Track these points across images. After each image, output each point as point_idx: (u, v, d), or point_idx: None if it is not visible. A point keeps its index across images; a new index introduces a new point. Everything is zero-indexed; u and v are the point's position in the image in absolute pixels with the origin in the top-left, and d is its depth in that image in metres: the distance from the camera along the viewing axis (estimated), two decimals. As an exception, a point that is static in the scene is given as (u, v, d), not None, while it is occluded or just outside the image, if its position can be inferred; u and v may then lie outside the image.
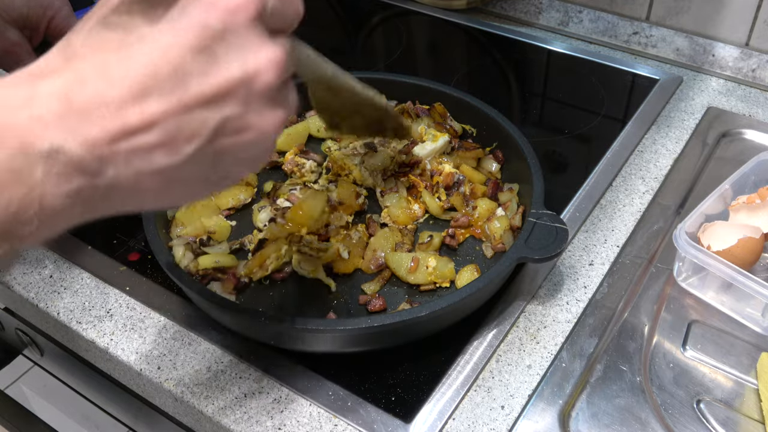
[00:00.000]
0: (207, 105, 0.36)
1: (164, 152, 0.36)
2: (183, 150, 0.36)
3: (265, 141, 0.40)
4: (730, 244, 0.66)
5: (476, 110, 0.81)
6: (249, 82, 0.37)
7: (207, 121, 0.36)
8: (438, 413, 0.60)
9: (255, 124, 0.38)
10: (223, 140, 0.38)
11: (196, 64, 0.36)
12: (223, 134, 0.37)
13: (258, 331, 0.64)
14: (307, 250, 0.69)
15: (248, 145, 0.39)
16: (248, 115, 0.38)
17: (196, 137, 0.36)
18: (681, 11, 1.00)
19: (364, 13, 1.21)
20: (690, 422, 0.59)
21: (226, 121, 0.37)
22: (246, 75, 0.37)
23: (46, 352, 0.88)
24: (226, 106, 0.37)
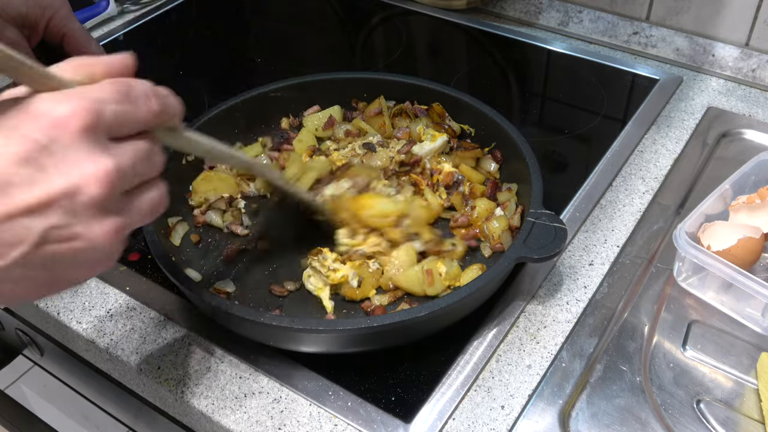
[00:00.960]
0: (30, 214, 0.38)
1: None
2: (9, 255, 0.38)
3: (98, 249, 0.41)
4: (730, 244, 0.66)
5: (475, 110, 0.81)
6: (72, 194, 0.38)
7: (31, 230, 0.38)
8: (438, 413, 0.60)
9: (82, 234, 0.40)
10: (51, 247, 0.39)
11: (22, 175, 0.37)
12: (48, 242, 0.39)
13: (257, 332, 0.63)
14: (318, 266, 0.68)
15: (79, 252, 0.40)
16: (74, 225, 0.39)
17: (21, 244, 0.38)
18: (681, 11, 1.00)
19: (364, 13, 1.21)
20: (690, 422, 0.59)
21: (50, 229, 0.38)
22: (69, 188, 0.38)
23: (46, 352, 0.88)
24: (50, 216, 0.38)
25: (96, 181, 0.39)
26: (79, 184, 0.38)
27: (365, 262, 0.70)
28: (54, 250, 0.39)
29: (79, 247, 0.40)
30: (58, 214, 0.38)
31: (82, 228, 0.39)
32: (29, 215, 0.38)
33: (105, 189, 0.39)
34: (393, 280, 0.68)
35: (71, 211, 0.39)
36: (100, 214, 0.40)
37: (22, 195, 0.37)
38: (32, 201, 0.37)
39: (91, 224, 0.40)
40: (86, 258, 0.41)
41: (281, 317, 0.60)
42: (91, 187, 0.39)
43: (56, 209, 0.38)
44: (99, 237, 0.40)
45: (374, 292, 0.69)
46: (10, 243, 0.38)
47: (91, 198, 0.39)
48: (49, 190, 0.38)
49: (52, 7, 0.72)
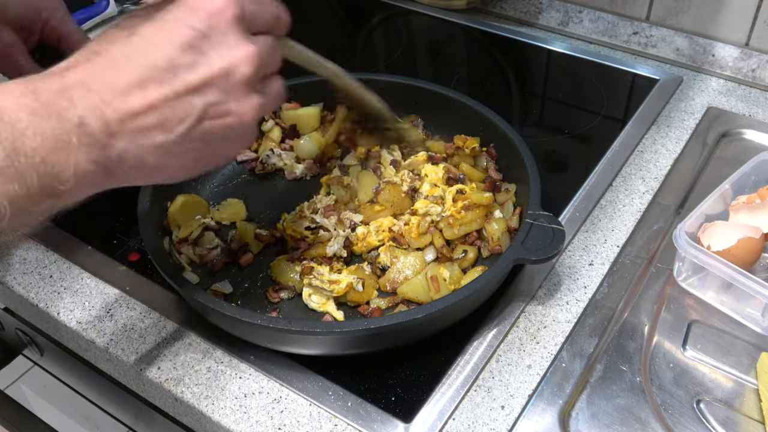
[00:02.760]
0: (194, 93, 0.44)
1: (161, 131, 0.44)
2: (176, 130, 0.44)
3: (245, 124, 0.47)
4: (730, 244, 0.66)
5: (473, 111, 0.81)
6: (228, 74, 0.45)
7: (194, 106, 0.44)
8: (438, 413, 0.60)
9: (234, 110, 0.46)
10: (209, 123, 0.45)
11: (186, 59, 0.44)
12: (208, 117, 0.45)
13: (255, 334, 0.63)
14: (319, 283, 0.67)
15: (230, 127, 0.46)
16: (229, 102, 0.46)
17: (186, 119, 0.44)
18: (681, 11, 1.00)
19: (364, 13, 1.21)
20: (690, 422, 0.59)
21: (209, 106, 0.45)
22: (226, 68, 0.45)
23: (46, 352, 0.88)
24: (209, 93, 0.45)
25: (246, 62, 0.45)
26: (233, 64, 0.45)
27: (360, 267, 0.70)
28: (211, 126, 0.45)
29: (230, 123, 0.46)
30: (216, 92, 0.45)
31: (234, 104, 0.46)
32: (193, 94, 0.44)
33: (253, 69, 0.46)
34: (399, 292, 0.68)
35: (226, 89, 0.45)
36: (248, 91, 0.46)
37: (187, 76, 0.44)
38: (195, 81, 0.44)
39: (240, 101, 0.46)
40: (234, 132, 0.47)
41: (279, 319, 0.60)
42: (242, 67, 0.45)
43: (214, 88, 0.45)
44: (247, 112, 0.47)
45: (376, 293, 0.69)
46: (178, 119, 0.44)
47: (243, 76, 0.45)
48: (209, 71, 0.44)
49: (49, 10, 0.72)
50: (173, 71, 0.43)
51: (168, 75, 0.43)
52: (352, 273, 0.69)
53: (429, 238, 0.72)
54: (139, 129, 0.43)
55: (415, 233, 0.72)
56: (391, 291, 0.69)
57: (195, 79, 0.44)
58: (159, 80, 0.43)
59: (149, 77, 0.43)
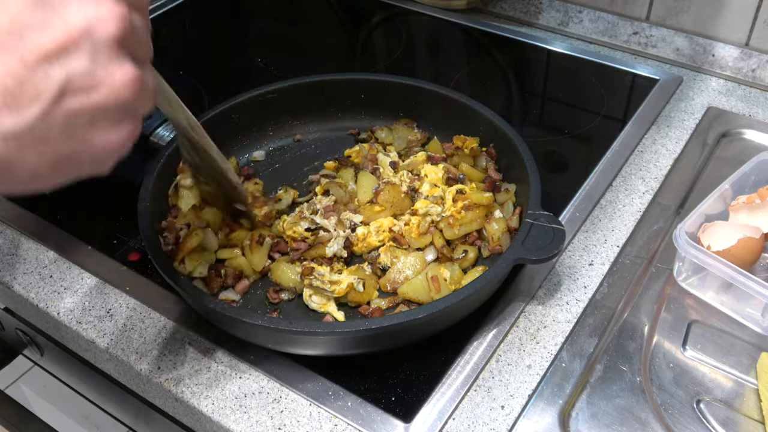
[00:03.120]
0: (49, 60, 0.34)
1: (8, 114, 0.34)
2: (28, 111, 0.34)
3: (121, 100, 0.37)
4: (730, 244, 0.66)
5: (473, 111, 0.81)
6: (90, 32, 0.35)
7: (50, 78, 0.35)
8: (438, 413, 0.60)
9: (103, 80, 0.36)
10: (72, 100, 0.36)
11: (34, 17, 0.34)
12: (70, 93, 0.35)
13: (256, 335, 0.63)
14: (319, 283, 0.67)
15: (101, 106, 0.37)
16: (96, 70, 0.36)
17: (41, 96, 0.34)
18: (681, 11, 1.00)
19: (364, 13, 1.21)
20: (690, 422, 0.59)
21: (71, 76, 0.35)
22: (87, 25, 0.35)
23: (46, 352, 0.88)
24: (70, 60, 0.35)
25: (113, 18, 0.36)
26: (97, 20, 0.36)
27: (360, 267, 0.70)
28: (75, 104, 0.36)
29: (100, 99, 0.36)
30: (78, 57, 0.35)
31: (103, 72, 0.36)
32: (48, 61, 0.34)
33: (122, 27, 0.36)
34: (400, 293, 0.68)
35: (91, 52, 0.35)
36: (119, 55, 0.37)
37: (39, 39, 0.34)
38: (50, 44, 0.34)
39: (111, 68, 0.36)
40: (107, 114, 0.37)
41: (280, 320, 0.60)
42: (108, 24, 0.36)
43: (76, 51, 0.35)
44: (120, 83, 0.37)
45: (377, 294, 0.69)
46: (30, 96, 0.34)
47: (110, 35, 0.36)
48: (66, 29, 0.35)
49: None
50: (18, 33, 0.34)
51: (12, 38, 0.34)
52: (352, 273, 0.69)
53: (429, 238, 0.72)
54: None
55: (416, 233, 0.72)
56: (392, 291, 0.69)
57: (49, 41, 0.34)
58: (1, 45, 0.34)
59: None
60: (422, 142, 0.85)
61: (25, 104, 0.34)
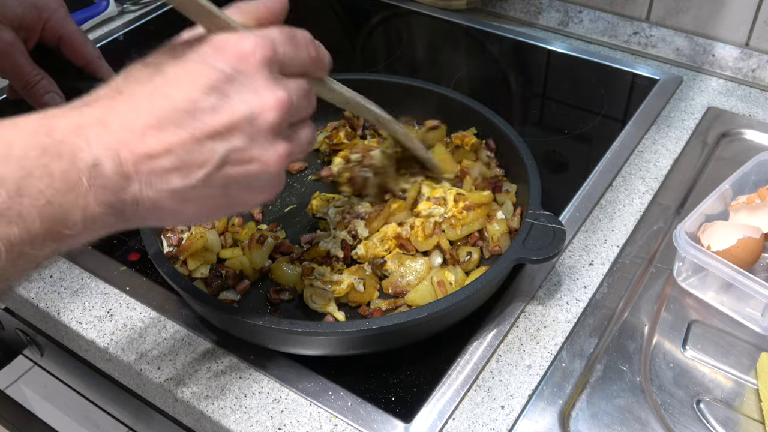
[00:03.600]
0: (215, 137, 0.42)
1: (178, 175, 0.41)
2: (194, 175, 0.42)
3: (269, 173, 0.45)
4: (730, 244, 0.66)
5: (472, 111, 0.81)
6: (253, 119, 0.43)
7: (215, 151, 0.42)
8: (438, 413, 0.60)
9: (258, 157, 0.44)
10: (230, 169, 0.43)
11: (208, 102, 0.41)
12: (229, 163, 0.43)
13: (257, 335, 0.63)
14: (320, 284, 0.67)
15: (253, 175, 0.44)
16: (252, 148, 0.43)
17: (206, 164, 0.42)
18: (681, 11, 1.00)
19: (364, 13, 1.21)
20: (690, 422, 0.59)
21: (231, 152, 0.42)
22: (251, 113, 0.42)
23: (46, 352, 0.88)
24: (232, 139, 0.42)
25: (272, 108, 0.43)
26: (259, 110, 0.43)
27: (360, 267, 0.70)
28: (233, 172, 0.43)
29: (253, 170, 0.44)
30: (239, 138, 0.42)
31: (258, 151, 0.44)
32: (214, 138, 0.42)
33: (280, 116, 0.44)
34: (407, 300, 0.67)
35: (250, 135, 0.43)
36: (273, 139, 0.44)
37: (209, 120, 0.41)
38: (218, 125, 0.42)
39: (266, 148, 0.44)
40: (258, 181, 0.45)
41: (281, 320, 0.59)
42: (268, 114, 0.43)
43: (238, 133, 0.42)
44: (271, 160, 0.44)
45: (377, 294, 0.69)
46: (197, 164, 0.42)
47: (268, 123, 0.43)
48: (233, 116, 0.42)
49: (49, 10, 0.72)
50: (194, 114, 0.41)
51: (188, 117, 0.41)
52: (353, 273, 0.69)
53: (435, 239, 0.72)
54: (155, 172, 0.41)
55: (422, 236, 0.72)
56: (394, 294, 0.69)
57: (216, 123, 0.42)
58: (178, 122, 0.41)
59: (168, 119, 0.41)
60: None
61: (192, 170, 0.42)
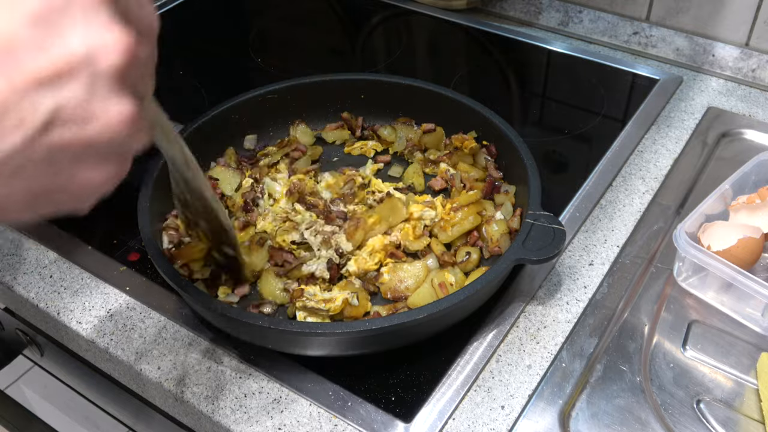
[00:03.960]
0: (41, 85, 0.31)
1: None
2: (8, 140, 0.31)
3: (112, 137, 0.33)
4: (730, 244, 0.66)
5: (472, 111, 0.81)
6: (92, 61, 0.32)
7: (39, 106, 0.31)
8: (438, 413, 0.60)
9: (97, 114, 0.33)
10: (60, 131, 0.32)
11: (32, 36, 0.31)
12: (58, 123, 0.32)
13: (258, 336, 0.63)
14: (313, 304, 0.65)
15: (91, 141, 0.33)
16: (91, 102, 0.32)
17: (25, 124, 0.31)
18: (681, 11, 1.00)
19: (364, 13, 1.21)
20: (690, 422, 0.59)
21: (62, 106, 0.32)
22: (88, 53, 0.32)
23: (46, 352, 0.88)
24: (63, 87, 0.31)
25: (118, 48, 0.33)
26: (101, 48, 0.32)
27: (349, 281, 0.69)
28: (63, 136, 0.32)
29: (91, 134, 0.33)
30: (74, 86, 0.32)
31: (99, 105, 0.32)
32: (39, 87, 0.31)
33: (127, 59, 0.33)
34: (409, 304, 0.67)
35: (88, 82, 0.32)
36: (118, 89, 0.33)
37: (33, 61, 0.31)
38: (44, 68, 0.31)
39: (108, 102, 0.33)
40: (98, 150, 0.34)
41: (279, 321, 0.59)
42: (112, 54, 0.32)
43: (71, 79, 0.31)
44: (115, 119, 0.33)
45: (370, 305, 0.68)
46: (12, 124, 0.31)
47: (112, 66, 0.32)
48: (66, 55, 0.31)
49: None
50: (10, 52, 0.30)
51: (4, 58, 0.30)
52: (343, 289, 0.67)
53: (426, 240, 0.72)
54: None
55: (412, 236, 0.72)
56: (393, 299, 0.68)
57: (43, 65, 0.31)
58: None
59: None
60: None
61: (6, 132, 0.31)
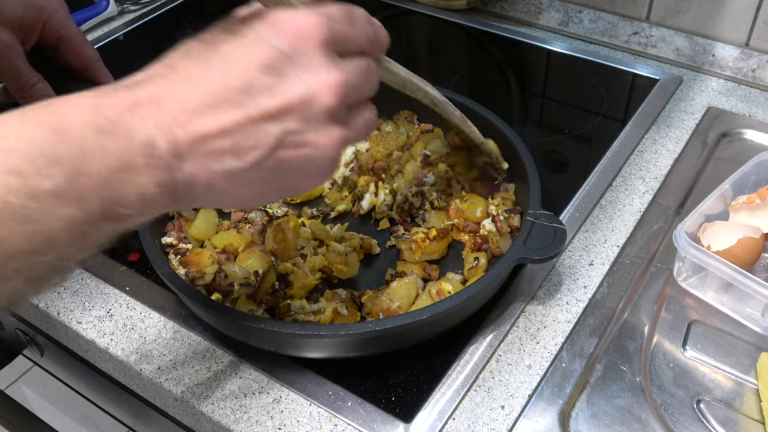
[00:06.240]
0: (270, 119, 0.40)
1: (232, 157, 0.40)
2: (248, 157, 0.41)
3: (323, 157, 0.43)
4: (730, 244, 0.66)
5: (472, 112, 0.80)
6: (309, 102, 0.41)
7: (269, 134, 0.41)
8: (438, 413, 0.60)
9: (312, 141, 0.42)
10: (283, 152, 0.42)
11: (264, 81, 0.40)
12: (283, 147, 0.41)
13: (258, 338, 0.63)
14: (302, 317, 0.65)
15: (306, 159, 0.43)
16: (307, 132, 0.42)
17: (260, 147, 0.41)
18: (681, 11, 1.00)
19: (364, 13, 1.21)
20: (690, 422, 0.59)
21: (285, 135, 0.41)
22: (307, 95, 0.41)
23: (46, 352, 0.88)
24: (287, 121, 0.41)
25: (329, 90, 0.42)
26: (315, 92, 0.41)
27: (335, 293, 0.68)
28: (285, 156, 0.42)
29: (307, 154, 0.42)
30: (294, 120, 0.41)
31: (313, 135, 0.42)
32: (269, 120, 0.40)
33: (337, 99, 0.42)
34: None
35: (306, 118, 0.41)
36: (329, 123, 0.42)
37: (264, 100, 0.40)
38: (273, 106, 0.40)
39: (320, 132, 0.42)
40: (311, 166, 0.43)
41: (281, 323, 0.59)
42: (325, 96, 0.41)
43: (293, 115, 0.41)
44: (326, 144, 0.43)
45: (359, 315, 0.67)
46: (251, 146, 0.40)
47: (324, 106, 0.42)
48: (289, 97, 0.41)
49: (50, 10, 0.71)
50: (249, 93, 0.40)
51: (244, 97, 0.40)
52: (330, 300, 0.67)
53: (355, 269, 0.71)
54: (209, 153, 0.40)
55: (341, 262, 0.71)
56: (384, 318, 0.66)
57: (272, 104, 0.40)
58: (234, 102, 0.40)
59: (224, 98, 0.40)
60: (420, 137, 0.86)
61: (246, 151, 0.40)
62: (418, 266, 0.71)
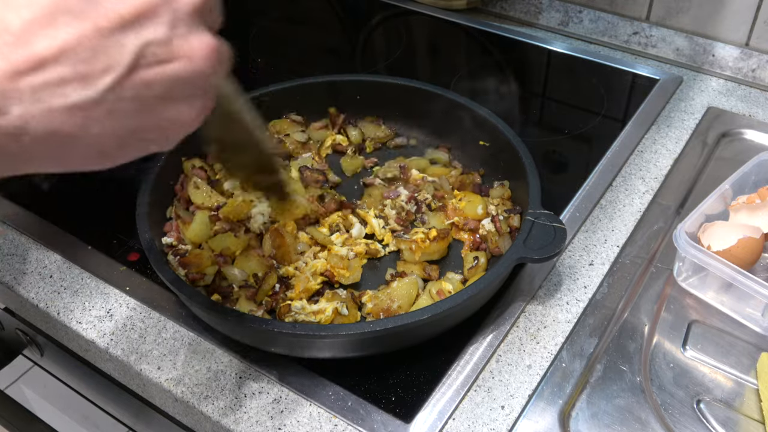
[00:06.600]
0: (124, 28, 0.32)
1: (77, 85, 0.31)
2: (98, 82, 0.32)
3: (196, 73, 0.35)
4: (730, 244, 0.66)
5: (471, 112, 0.81)
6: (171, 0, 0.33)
7: (124, 48, 0.32)
8: (438, 413, 0.60)
9: (180, 52, 0.34)
10: (146, 71, 0.33)
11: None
12: (144, 63, 0.33)
13: (258, 339, 0.63)
14: (303, 317, 0.65)
15: (176, 78, 0.34)
16: (174, 40, 0.33)
17: (114, 67, 0.32)
18: (681, 11, 1.00)
19: (364, 13, 1.21)
20: (690, 422, 0.59)
21: (146, 46, 0.32)
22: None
23: (46, 352, 0.88)
24: (146, 28, 0.32)
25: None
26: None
27: (335, 293, 0.68)
28: (149, 76, 0.33)
29: (176, 70, 0.34)
30: (156, 26, 0.33)
31: (181, 42, 0.34)
32: (122, 30, 0.32)
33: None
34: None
35: (170, 21, 0.33)
36: (198, 24, 0.34)
37: (115, 4, 0.32)
38: (128, 10, 0.32)
39: (189, 37, 0.34)
40: (184, 87, 0.35)
41: (282, 324, 0.59)
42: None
43: (153, 20, 0.33)
44: (198, 53, 0.34)
45: (359, 315, 0.67)
46: (101, 68, 0.32)
47: (191, 3, 0.34)
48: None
49: None
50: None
51: (87, 3, 0.31)
52: (330, 300, 0.67)
53: (358, 271, 0.71)
54: (46, 84, 0.30)
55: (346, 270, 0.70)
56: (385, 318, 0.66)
57: (126, 7, 0.31)
58: (73, 11, 0.31)
59: (60, 8, 0.31)
60: (389, 138, 0.86)
61: (96, 75, 0.31)
62: (418, 266, 0.71)
